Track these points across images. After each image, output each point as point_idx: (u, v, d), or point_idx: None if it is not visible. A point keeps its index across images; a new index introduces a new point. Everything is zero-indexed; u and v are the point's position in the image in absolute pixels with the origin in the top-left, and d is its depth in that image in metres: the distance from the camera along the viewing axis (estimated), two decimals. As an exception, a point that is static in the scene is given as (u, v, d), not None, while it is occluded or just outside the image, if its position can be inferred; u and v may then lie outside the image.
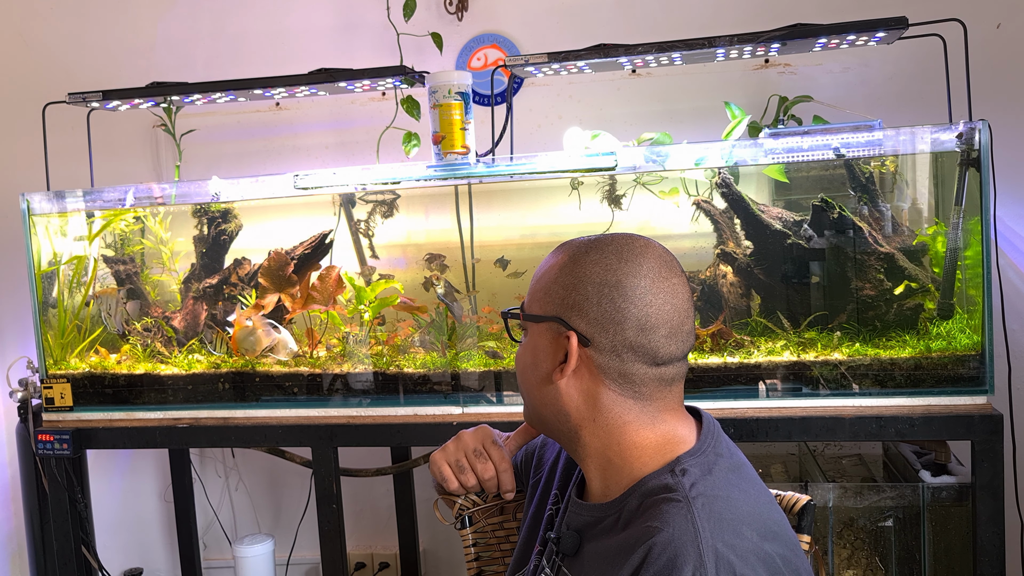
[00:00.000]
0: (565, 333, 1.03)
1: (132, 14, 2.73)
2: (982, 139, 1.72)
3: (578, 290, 1.03)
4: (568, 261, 1.06)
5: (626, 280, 1.01)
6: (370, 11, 2.54)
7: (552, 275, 1.07)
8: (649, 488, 0.98)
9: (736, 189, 1.91)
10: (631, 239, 1.06)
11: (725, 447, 1.05)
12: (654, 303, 1.01)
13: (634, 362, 1.01)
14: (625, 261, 1.02)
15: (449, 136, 1.98)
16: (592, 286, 1.02)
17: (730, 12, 2.38)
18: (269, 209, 2.23)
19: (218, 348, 2.10)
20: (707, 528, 0.90)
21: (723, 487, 0.97)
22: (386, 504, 2.69)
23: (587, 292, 1.02)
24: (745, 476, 1.03)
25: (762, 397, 1.84)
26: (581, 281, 1.03)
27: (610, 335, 1.01)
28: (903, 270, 1.82)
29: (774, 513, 0.99)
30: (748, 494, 0.98)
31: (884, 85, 2.32)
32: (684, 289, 1.05)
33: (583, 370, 1.03)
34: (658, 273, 1.02)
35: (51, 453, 2.09)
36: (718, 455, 1.02)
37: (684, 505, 0.92)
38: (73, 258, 2.26)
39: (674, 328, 1.02)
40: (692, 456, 1.01)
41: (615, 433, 1.03)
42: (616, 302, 1.01)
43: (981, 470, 1.68)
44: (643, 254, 1.03)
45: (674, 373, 1.04)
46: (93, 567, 2.21)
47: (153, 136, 2.73)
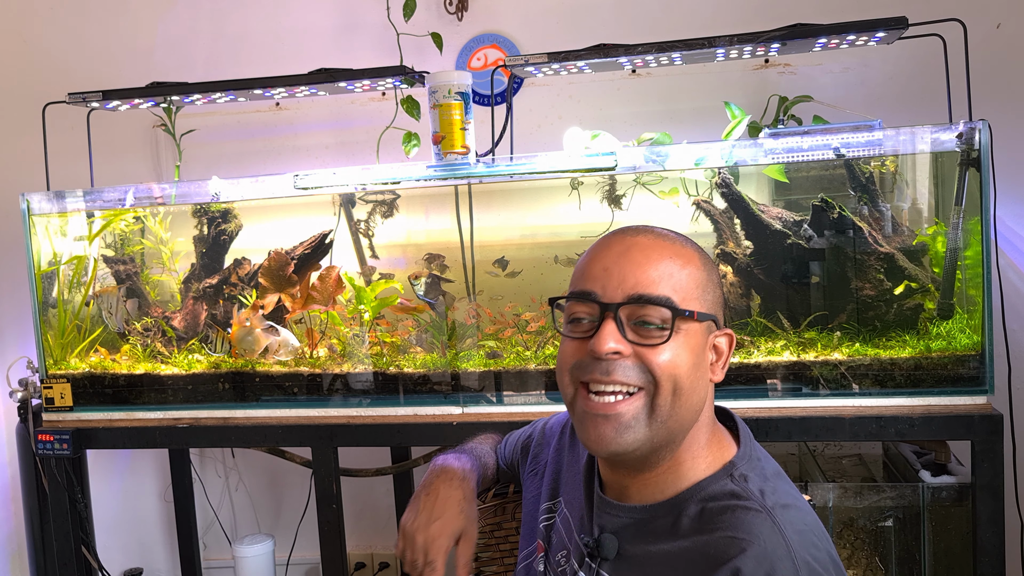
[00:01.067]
0: (715, 331, 1.03)
1: (132, 14, 2.73)
2: (982, 139, 1.72)
3: (719, 287, 1.06)
4: (703, 257, 1.05)
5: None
6: (370, 11, 2.54)
7: (702, 272, 1.03)
8: (711, 493, 0.96)
9: (736, 189, 1.91)
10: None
11: (759, 449, 1.06)
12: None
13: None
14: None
15: (449, 136, 1.98)
16: (721, 285, 1.07)
17: (730, 12, 2.38)
18: (269, 209, 2.23)
19: (219, 348, 2.10)
20: (795, 540, 0.89)
21: (784, 495, 0.96)
22: (386, 504, 2.69)
23: (722, 291, 1.06)
24: (787, 479, 1.03)
25: (773, 397, 1.84)
26: (716, 278, 1.06)
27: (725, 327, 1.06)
28: (903, 270, 1.82)
29: (814, 514, 1.00)
30: (801, 500, 0.98)
31: (884, 85, 2.32)
32: None
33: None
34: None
35: (51, 453, 2.09)
36: (758, 459, 1.02)
37: (766, 516, 0.91)
38: (73, 258, 2.26)
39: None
40: (744, 461, 1.00)
41: (701, 432, 1.02)
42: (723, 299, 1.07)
43: (981, 470, 1.68)
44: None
45: None
46: (93, 567, 2.21)
47: (153, 136, 2.73)
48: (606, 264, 1.01)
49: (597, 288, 1.00)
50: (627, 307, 0.98)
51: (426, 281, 2.04)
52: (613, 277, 0.99)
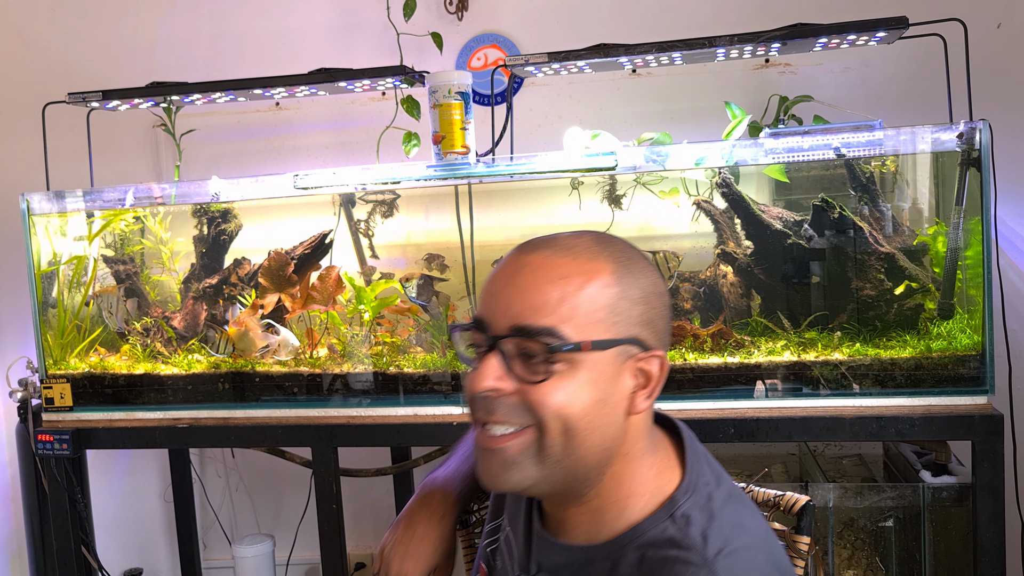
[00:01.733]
0: (639, 356, 0.89)
1: (132, 14, 2.73)
2: (982, 139, 1.72)
3: (649, 303, 0.90)
4: (622, 271, 0.89)
5: (661, 284, 0.93)
6: (370, 11, 2.53)
7: (613, 291, 0.88)
8: (650, 540, 0.86)
9: (736, 189, 1.91)
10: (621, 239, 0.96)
11: (709, 467, 0.93)
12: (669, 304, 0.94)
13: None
14: (650, 263, 0.94)
15: (449, 136, 1.97)
16: (656, 296, 0.91)
17: (730, 12, 2.38)
18: (269, 209, 2.23)
19: (222, 349, 2.10)
20: None
21: (732, 531, 0.85)
22: (386, 504, 2.69)
23: (656, 304, 0.91)
24: (741, 501, 0.92)
25: (759, 398, 1.84)
26: (648, 293, 0.90)
27: (664, 345, 0.92)
28: (903, 270, 1.82)
29: (776, 543, 0.91)
30: (755, 533, 0.88)
31: (884, 85, 2.31)
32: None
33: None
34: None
35: (51, 453, 2.09)
36: (707, 483, 0.90)
37: (705, 571, 0.81)
38: (73, 258, 2.26)
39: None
40: (687, 494, 0.88)
41: (634, 464, 0.91)
42: (668, 313, 0.93)
43: (981, 470, 1.68)
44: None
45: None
46: (93, 567, 2.21)
47: (153, 136, 2.73)
48: (495, 288, 0.91)
49: (487, 316, 0.90)
50: (511, 339, 0.87)
51: (417, 283, 2.03)
52: (500, 304, 0.89)
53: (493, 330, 0.89)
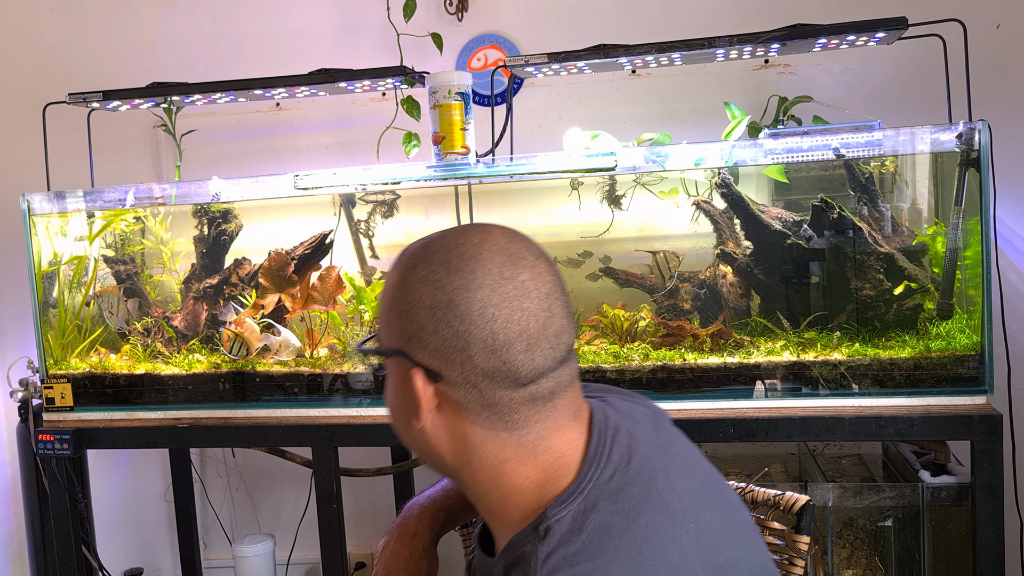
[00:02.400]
0: (410, 369, 0.85)
1: (132, 14, 2.73)
2: (982, 139, 1.72)
3: (412, 317, 0.84)
4: (399, 281, 0.87)
5: (458, 296, 0.82)
6: (370, 11, 2.54)
7: (388, 299, 0.88)
8: (513, 557, 0.81)
9: (736, 189, 1.91)
10: (462, 238, 0.86)
11: (619, 466, 0.84)
12: (499, 316, 0.82)
13: (494, 389, 0.83)
14: (455, 271, 0.83)
15: (449, 136, 1.98)
16: (424, 311, 0.83)
17: (730, 12, 2.38)
18: (269, 209, 2.23)
19: (236, 351, 2.09)
20: None
21: (591, 549, 0.77)
22: (386, 504, 2.69)
23: (421, 319, 0.84)
24: (640, 508, 0.81)
25: (758, 398, 1.84)
26: (413, 306, 0.84)
27: (458, 365, 0.83)
28: (903, 270, 1.82)
29: (674, 554, 0.79)
30: (630, 540, 0.78)
31: (884, 85, 2.32)
32: (540, 282, 0.85)
33: (444, 407, 0.86)
34: (499, 275, 0.83)
35: (51, 453, 2.09)
36: (601, 488, 0.82)
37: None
38: (73, 258, 2.26)
39: (533, 338, 0.83)
40: (563, 504, 0.81)
41: (492, 475, 0.86)
42: (453, 326, 0.82)
43: (981, 470, 1.68)
44: (476, 256, 0.84)
45: (551, 387, 0.85)
46: (93, 567, 2.21)
47: (153, 136, 2.73)
48: None
49: None
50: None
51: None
52: None
53: None
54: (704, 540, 0.82)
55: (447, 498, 1.13)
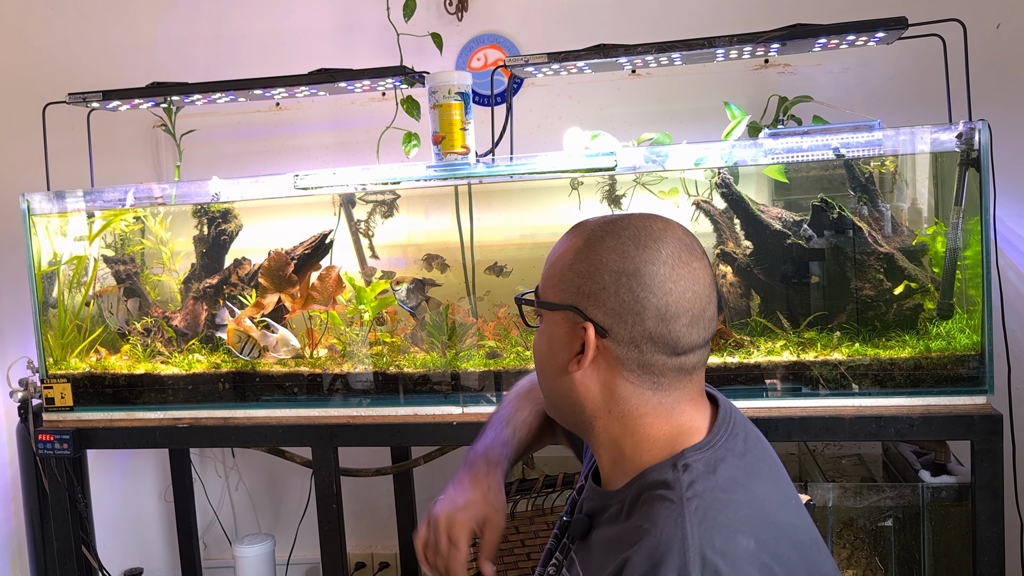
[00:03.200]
0: (582, 323, 0.98)
1: (132, 14, 2.73)
2: (982, 139, 1.72)
3: (594, 278, 0.98)
4: (583, 246, 1.00)
5: (644, 267, 0.96)
6: (370, 11, 2.54)
7: (567, 261, 1.01)
8: (649, 481, 0.95)
9: (736, 189, 1.91)
10: (649, 221, 1.00)
11: (740, 439, 1.00)
12: (674, 291, 0.96)
13: (654, 352, 0.97)
14: (643, 247, 0.97)
15: (449, 136, 1.98)
16: (609, 274, 0.97)
17: (730, 12, 2.38)
18: (269, 209, 2.23)
19: (247, 352, 2.09)
20: (695, 534, 0.86)
21: (726, 486, 0.92)
22: (386, 504, 2.69)
23: (604, 281, 0.97)
24: (758, 472, 0.98)
25: (772, 396, 1.84)
26: (598, 269, 0.98)
27: (629, 326, 0.96)
28: (903, 270, 1.82)
29: (784, 515, 0.95)
30: (754, 494, 0.93)
31: (884, 85, 2.32)
32: (706, 272, 1.00)
33: (600, 360, 0.99)
34: (678, 258, 0.97)
35: (51, 453, 2.09)
36: (729, 449, 0.97)
37: (677, 506, 0.89)
38: (73, 258, 2.26)
39: (696, 316, 0.97)
40: (699, 450, 0.96)
41: (630, 425, 1.00)
42: (635, 291, 0.96)
43: (981, 470, 1.68)
44: (662, 238, 0.98)
45: (695, 362, 1.00)
46: (93, 567, 2.21)
47: (153, 136, 2.73)
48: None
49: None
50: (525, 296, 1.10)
51: (408, 287, 2.03)
52: None
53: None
54: (803, 513, 0.99)
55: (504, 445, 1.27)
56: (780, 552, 0.90)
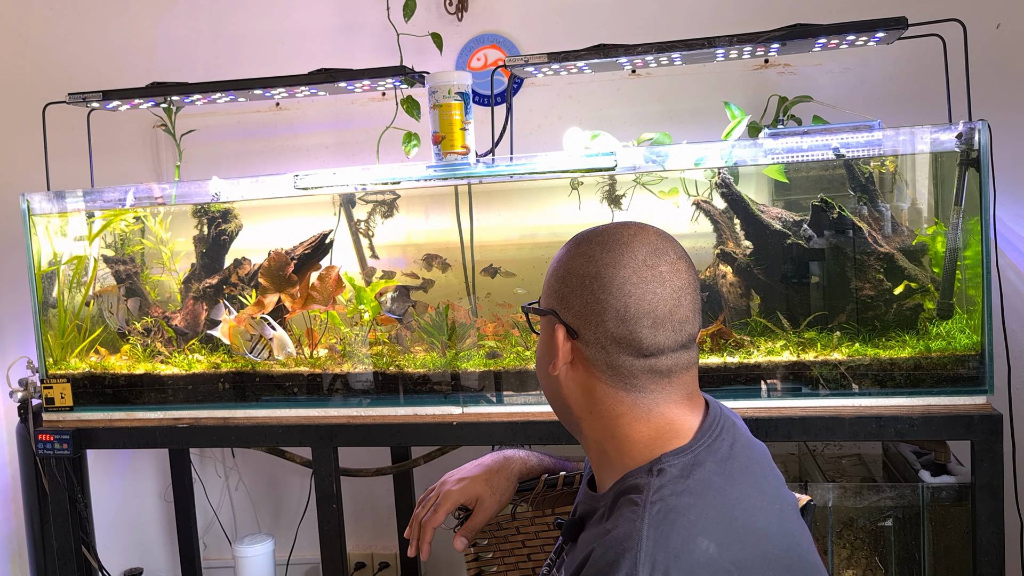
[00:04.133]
0: (556, 325, 1.04)
1: (132, 14, 2.73)
2: (982, 139, 1.72)
3: (566, 282, 1.04)
4: (564, 253, 1.07)
5: (604, 271, 1.00)
6: (370, 11, 2.54)
7: (551, 268, 1.08)
8: (626, 486, 0.97)
9: (736, 189, 1.91)
10: (621, 228, 1.04)
11: (727, 445, 1.00)
12: (634, 293, 0.99)
13: (619, 354, 1.00)
14: (608, 251, 1.01)
15: (449, 136, 1.98)
16: (576, 278, 1.03)
17: (730, 12, 2.38)
18: (269, 209, 2.23)
19: (258, 353, 2.09)
20: (651, 536, 0.87)
21: (696, 490, 0.93)
22: (386, 504, 2.69)
23: (572, 284, 1.03)
24: (738, 478, 0.97)
25: (772, 396, 1.84)
26: (569, 273, 1.04)
27: (593, 327, 1.01)
28: (903, 270, 1.82)
29: (759, 521, 0.94)
30: (727, 498, 0.93)
31: (884, 85, 2.32)
32: (676, 277, 1.01)
33: (577, 363, 1.04)
34: (643, 262, 1.00)
35: (51, 453, 2.09)
36: (711, 453, 0.98)
37: (639, 509, 0.91)
38: (73, 258, 2.26)
39: (659, 318, 0.99)
40: (677, 455, 0.97)
41: (609, 425, 1.02)
42: (595, 293, 1.00)
43: (981, 470, 1.68)
44: (628, 243, 1.02)
45: (669, 365, 1.01)
46: (93, 567, 2.21)
47: (153, 136, 2.73)
48: None
49: None
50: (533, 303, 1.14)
51: (391, 296, 2.04)
52: None
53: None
54: (784, 521, 0.98)
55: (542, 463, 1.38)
56: (744, 558, 0.89)
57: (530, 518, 1.49)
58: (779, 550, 0.94)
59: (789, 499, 1.05)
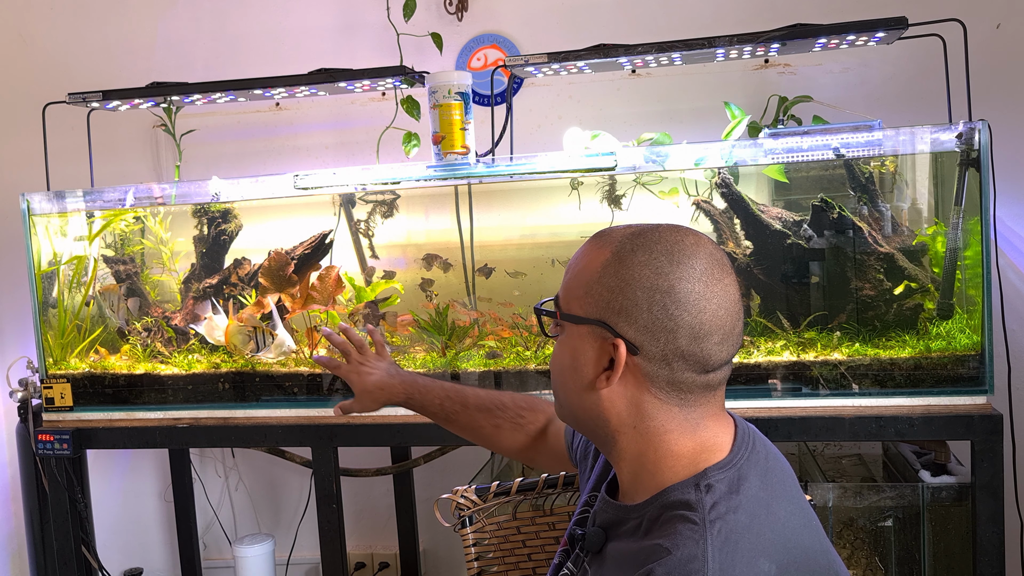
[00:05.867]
0: (611, 340, 0.96)
1: (132, 14, 2.73)
2: (982, 139, 1.72)
3: (626, 294, 0.95)
4: (613, 259, 0.97)
5: (679, 285, 0.94)
6: (370, 11, 2.54)
7: (594, 274, 0.98)
8: (671, 501, 0.94)
9: (736, 189, 1.91)
10: (680, 235, 0.98)
11: (761, 457, 1.00)
12: (707, 309, 0.94)
13: (684, 370, 0.96)
14: (677, 263, 0.95)
15: (449, 136, 1.98)
16: (642, 291, 0.95)
17: (730, 12, 2.38)
18: (269, 209, 2.23)
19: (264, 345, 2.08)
20: (716, 558, 0.86)
21: (748, 509, 0.92)
22: (386, 504, 2.69)
23: (636, 297, 0.95)
24: (779, 493, 0.97)
25: (772, 396, 1.84)
26: (629, 284, 0.95)
27: (661, 343, 0.94)
28: (903, 270, 1.82)
29: (804, 538, 0.95)
30: (776, 517, 0.93)
31: (884, 85, 2.32)
32: (736, 288, 0.98)
33: (628, 377, 0.97)
34: (711, 275, 0.95)
35: (51, 453, 2.09)
36: (752, 466, 0.97)
37: (700, 528, 0.88)
38: (73, 258, 2.26)
39: (727, 333, 0.96)
40: (721, 469, 0.95)
41: (654, 440, 0.98)
42: (668, 309, 0.94)
43: (981, 470, 1.68)
44: (695, 254, 0.96)
45: (721, 378, 0.99)
46: (93, 567, 2.21)
47: (153, 136, 2.73)
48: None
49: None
50: (545, 305, 1.08)
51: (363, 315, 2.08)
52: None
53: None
54: (820, 536, 0.99)
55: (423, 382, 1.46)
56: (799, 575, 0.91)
57: (530, 518, 1.49)
58: (823, 568, 0.95)
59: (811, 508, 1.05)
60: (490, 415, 1.43)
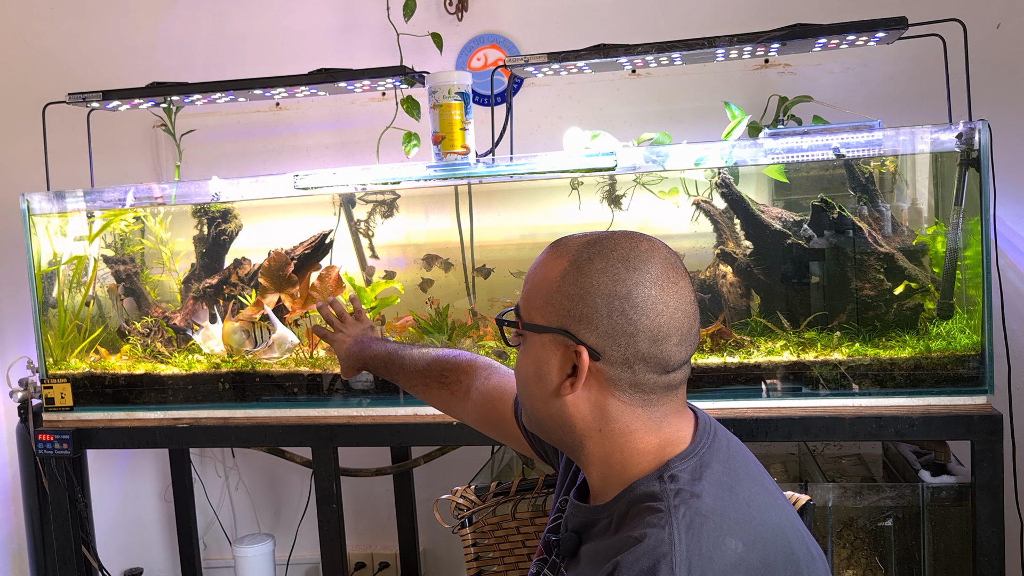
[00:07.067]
0: (574, 347, 0.98)
1: (132, 14, 2.73)
2: (982, 139, 1.72)
3: (585, 301, 0.98)
4: (571, 268, 0.99)
5: (636, 290, 0.96)
6: (370, 11, 2.54)
7: (553, 283, 1.00)
8: (638, 494, 0.96)
9: (736, 189, 1.91)
10: (635, 242, 1.01)
11: (723, 445, 1.02)
12: (665, 312, 0.97)
13: (645, 372, 0.98)
14: (633, 269, 0.97)
15: (449, 136, 1.98)
16: (601, 298, 0.97)
17: (730, 12, 2.38)
18: (269, 209, 2.23)
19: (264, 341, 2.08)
20: (684, 540, 0.88)
21: (711, 492, 0.94)
22: (386, 504, 2.69)
23: (596, 304, 0.97)
24: (742, 477, 0.99)
25: (772, 396, 1.84)
26: (588, 292, 0.98)
27: (622, 348, 0.97)
28: (903, 270, 1.82)
29: (771, 515, 0.96)
30: (739, 497, 0.95)
31: (884, 85, 2.32)
32: (690, 290, 1.01)
33: (592, 381, 0.99)
34: (666, 279, 0.98)
35: (51, 453, 2.09)
36: (713, 454, 0.99)
37: (665, 516, 0.90)
38: (73, 258, 2.26)
39: (684, 334, 0.99)
40: (683, 459, 0.98)
41: (620, 441, 1.00)
42: (627, 314, 0.96)
43: (981, 470, 1.68)
44: (650, 259, 0.99)
45: (681, 377, 1.02)
46: (93, 567, 2.21)
47: (153, 136, 2.73)
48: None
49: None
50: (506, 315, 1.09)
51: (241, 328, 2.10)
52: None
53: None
54: (790, 515, 1.00)
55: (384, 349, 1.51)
56: (768, 555, 0.91)
57: (530, 518, 1.49)
58: (795, 544, 0.95)
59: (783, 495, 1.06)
60: (422, 376, 1.46)
